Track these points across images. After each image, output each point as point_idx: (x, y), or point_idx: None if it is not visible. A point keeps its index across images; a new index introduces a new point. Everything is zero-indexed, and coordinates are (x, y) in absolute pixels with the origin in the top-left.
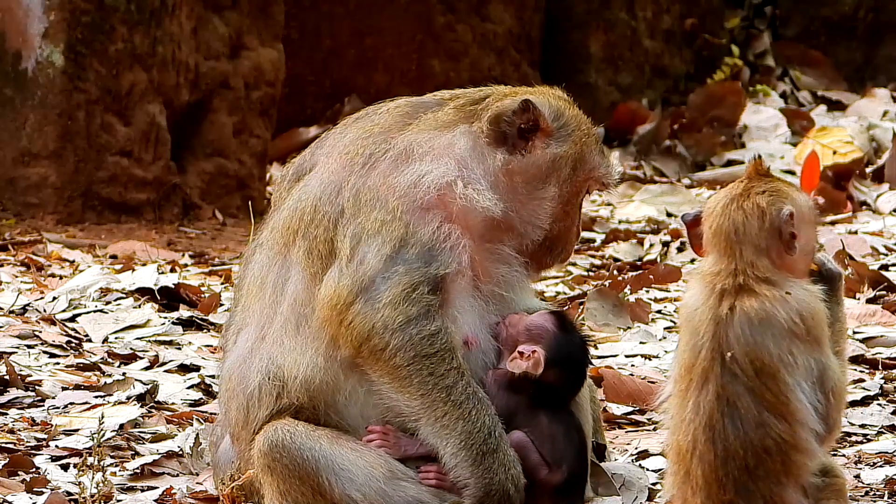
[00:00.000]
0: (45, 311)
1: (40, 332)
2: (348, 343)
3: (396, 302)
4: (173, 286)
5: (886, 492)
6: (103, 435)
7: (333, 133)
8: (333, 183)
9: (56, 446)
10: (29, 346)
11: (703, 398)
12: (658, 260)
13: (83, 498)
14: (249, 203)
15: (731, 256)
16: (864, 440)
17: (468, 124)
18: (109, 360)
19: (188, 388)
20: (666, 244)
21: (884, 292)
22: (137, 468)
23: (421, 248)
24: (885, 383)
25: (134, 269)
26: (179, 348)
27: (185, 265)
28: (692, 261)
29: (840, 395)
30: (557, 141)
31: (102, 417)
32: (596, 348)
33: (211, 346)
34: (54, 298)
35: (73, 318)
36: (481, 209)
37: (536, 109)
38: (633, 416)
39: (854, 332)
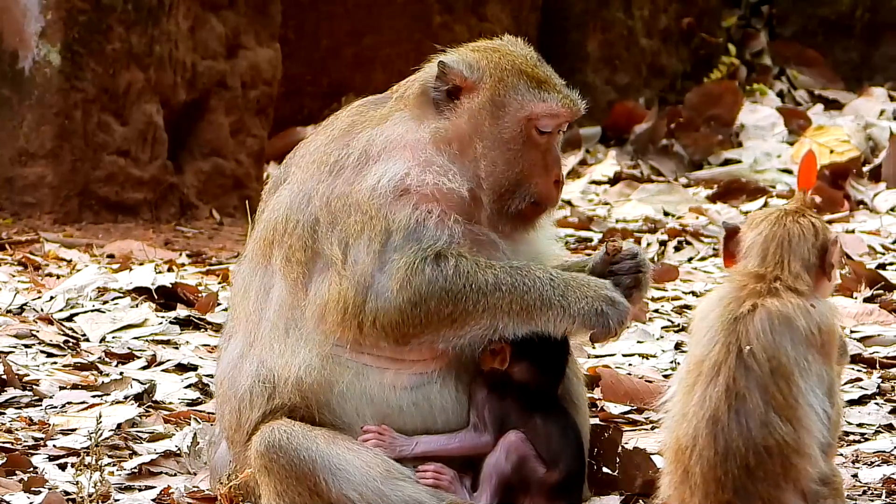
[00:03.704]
0: (42, 310)
1: (37, 331)
2: (384, 339)
3: (406, 281)
4: (170, 285)
5: (884, 491)
6: (101, 434)
7: (305, 142)
8: (303, 192)
9: (54, 446)
10: (26, 346)
11: (712, 390)
12: (655, 259)
13: (81, 497)
14: (246, 202)
15: (776, 263)
16: (862, 439)
17: (403, 109)
18: (107, 359)
19: (186, 387)
20: (663, 243)
21: (881, 291)
22: (135, 468)
23: (406, 232)
24: (882, 382)
25: (131, 269)
26: (177, 348)
27: (183, 264)
28: (689, 260)
29: (839, 416)
30: (478, 93)
31: (100, 417)
32: (594, 347)
33: (208, 345)
34: (51, 298)
35: (70, 318)
36: (447, 190)
37: (451, 69)
38: (630, 416)
39: (851, 331)
